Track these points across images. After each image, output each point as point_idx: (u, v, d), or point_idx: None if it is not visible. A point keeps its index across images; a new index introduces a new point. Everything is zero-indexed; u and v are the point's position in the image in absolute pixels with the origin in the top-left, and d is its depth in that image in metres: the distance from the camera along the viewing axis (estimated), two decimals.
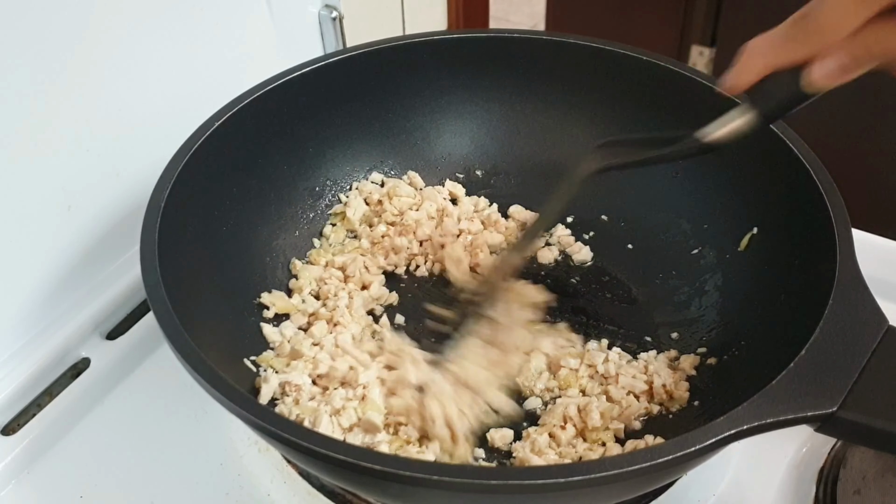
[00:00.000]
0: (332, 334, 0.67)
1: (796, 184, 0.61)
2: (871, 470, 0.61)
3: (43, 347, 0.69)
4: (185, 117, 0.67)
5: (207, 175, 0.65)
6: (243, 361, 0.64)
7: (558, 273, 0.74)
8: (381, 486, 0.50)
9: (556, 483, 0.43)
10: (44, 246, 0.69)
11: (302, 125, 0.74)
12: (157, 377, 0.70)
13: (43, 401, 0.68)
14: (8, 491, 0.63)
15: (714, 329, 0.67)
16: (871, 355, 0.48)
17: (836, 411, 0.46)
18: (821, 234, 0.57)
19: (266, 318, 0.68)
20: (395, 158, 0.81)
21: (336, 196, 0.78)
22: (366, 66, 0.75)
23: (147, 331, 0.72)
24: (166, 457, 0.65)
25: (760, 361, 0.58)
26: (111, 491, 0.63)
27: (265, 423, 0.47)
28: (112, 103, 0.70)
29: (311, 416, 0.60)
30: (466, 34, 0.77)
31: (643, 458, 0.44)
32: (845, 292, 0.52)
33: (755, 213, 0.68)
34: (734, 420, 0.46)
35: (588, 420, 0.60)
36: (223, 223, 0.68)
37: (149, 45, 0.72)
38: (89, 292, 0.72)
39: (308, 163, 0.76)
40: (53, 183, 0.67)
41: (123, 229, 0.74)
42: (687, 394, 0.63)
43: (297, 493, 0.62)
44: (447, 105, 0.80)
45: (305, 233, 0.76)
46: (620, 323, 0.70)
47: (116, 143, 0.72)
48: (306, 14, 0.88)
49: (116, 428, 0.67)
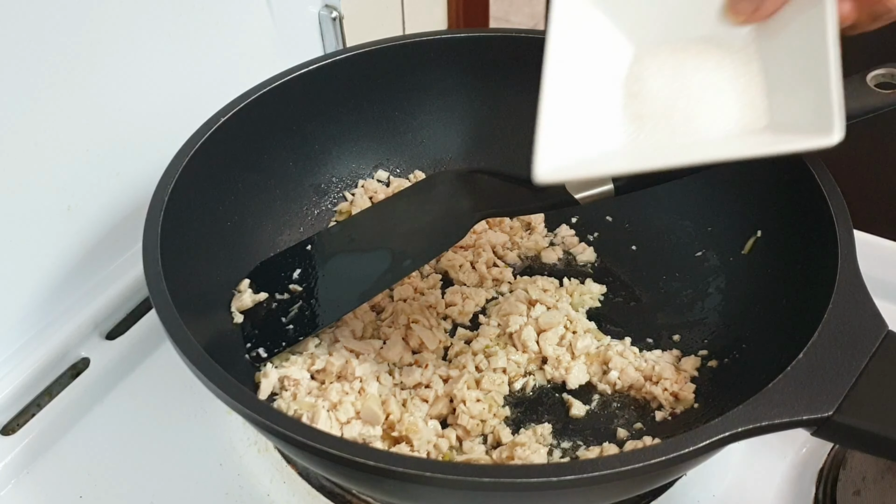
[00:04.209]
0: (332, 330, 0.67)
1: (800, 187, 0.61)
2: (871, 471, 0.61)
3: (43, 347, 0.69)
4: (185, 117, 0.67)
5: (212, 170, 0.66)
6: (243, 357, 0.64)
7: (562, 273, 0.74)
8: (375, 481, 0.50)
9: (549, 482, 0.44)
10: (43, 246, 0.69)
11: (307, 122, 0.75)
12: (157, 377, 0.70)
13: (42, 401, 0.68)
14: (7, 491, 0.63)
15: (716, 331, 0.67)
16: (870, 360, 0.48)
17: (831, 416, 0.46)
18: (822, 238, 0.57)
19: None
20: (401, 157, 0.81)
21: (341, 193, 0.79)
22: (370, 65, 0.75)
23: (147, 331, 0.72)
24: (166, 457, 0.65)
25: (761, 364, 0.57)
26: (111, 491, 0.63)
27: (261, 418, 0.47)
28: (112, 103, 0.70)
29: (309, 410, 0.61)
30: (466, 34, 0.77)
31: (637, 459, 0.44)
32: (845, 296, 0.52)
33: (759, 216, 0.68)
34: (729, 422, 0.46)
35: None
36: (227, 219, 0.69)
37: (149, 45, 0.72)
38: (89, 292, 0.73)
39: (314, 160, 0.77)
40: (53, 183, 0.68)
41: (123, 229, 0.74)
42: (692, 395, 0.63)
43: (297, 493, 0.62)
44: (449, 105, 0.80)
45: (310, 230, 0.76)
46: (623, 324, 0.70)
47: (116, 143, 0.72)
48: (306, 14, 0.88)
49: (116, 428, 0.67)
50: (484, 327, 0.69)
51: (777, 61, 0.50)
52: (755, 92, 0.50)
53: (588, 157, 0.50)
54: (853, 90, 0.58)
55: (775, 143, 0.46)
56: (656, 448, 0.45)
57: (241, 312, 0.67)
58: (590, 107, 0.52)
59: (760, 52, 0.51)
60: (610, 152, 0.51)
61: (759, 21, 0.50)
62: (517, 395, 0.65)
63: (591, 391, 0.65)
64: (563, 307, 0.70)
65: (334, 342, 0.67)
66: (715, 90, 0.50)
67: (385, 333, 0.68)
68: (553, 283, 0.72)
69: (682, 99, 0.50)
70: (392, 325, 0.68)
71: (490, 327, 0.68)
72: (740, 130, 0.49)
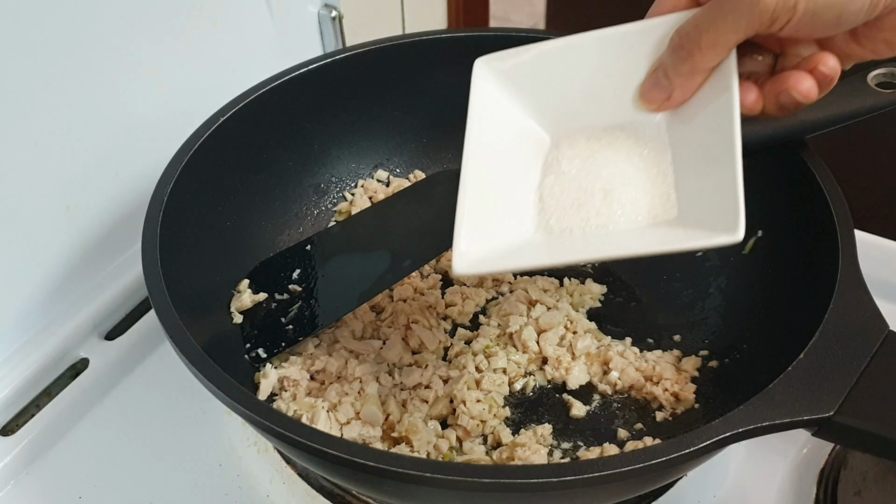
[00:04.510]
0: (332, 330, 0.67)
1: (801, 187, 0.61)
2: (872, 471, 0.60)
3: (42, 348, 0.69)
4: (184, 117, 0.67)
5: (212, 169, 0.66)
6: (243, 357, 0.64)
7: (562, 273, 0.74)
8: (375, 482, 0.50)
9: (549, 482, 0.43)
10: (42, 246, 0.69)
11: (307, 122, 0.75)
12: (156, 377, 0.70)
13: (42, 401, 0.68)
14: (7, 491, 0.63)
15: (716, 331, 0.67)
16: (871, 360, 0.48)
17: (832, 416, 0.46)
18: (823, 238, 0.56)
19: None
20: (401, 157, 0.81)
21: (341, 193, 0.79)
22: (370, 65, 0.75)
23: (146, 331, 0.72)
24: (165, 457, 0.65)
25: (762, 364, 0.57)
26: (110, 491, 0.63)
27: (261, 418, 0.47)
28: (111, 103, 0.70)
29: (308, 411, 0.61)
30: (466, 34, 0.77)
31: (638, 459, 0.44)
32: (846, 297, 0.52)
33: (760, 216, 0.67)
34: (729, 423, 0.45)
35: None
36: (227, 219, 0.69)
37: (148, 44, 0.72)
38: (88, 292, 0.73)
39: (313, 159, 0.77)
40: (52, 183, 0.68)
41: (122, 229, 0.74)
42: (693, 396, 0.63)
43: (296, 494, 0.62)
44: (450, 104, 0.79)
45: (310, 230, 0.76)
46: (623, 324, 0.70)
47: (116, 143, 0.72)
48: (306, 14, 0.88)
49: (115, 428, 0.67)
50: (484, 327, 0.68)
51: (686, 151, 0.51)
52: (666, 183, 0.51)
53: (506, 248, 0.52)
54: (853, 90, 0.58)
55: (681, 241, 0.47)
56: (657, 448, 0.45)
57: (240, 313, 0.67)
58: (508, 196, 0.54)
59: (672, 141, 0.52)
60: (526, 244, 0.52)
61: (670, 109, 0.52)
62: (517, 396, 0.65)
63: (591, 391, 0.65)
64: (564, 307, 0.69)
65: (334, 342, 0.66)
66: (626, 182, 0.52)
67: (385, 334, 0.68)
68: (553, 284, 0.72)
69: (596, 190, 0.52)
70: (392, 326, 0.68)
71: (490, 327, 0.68)
72: (650, 222, 0.50)
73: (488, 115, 0.55)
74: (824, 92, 0.50)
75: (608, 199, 0.51)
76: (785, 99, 0.50)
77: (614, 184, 0.52)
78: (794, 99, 0.49)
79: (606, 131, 0.54)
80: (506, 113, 0.56)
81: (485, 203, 0.52)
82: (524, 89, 0.56)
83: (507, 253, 0.51)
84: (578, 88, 0.55)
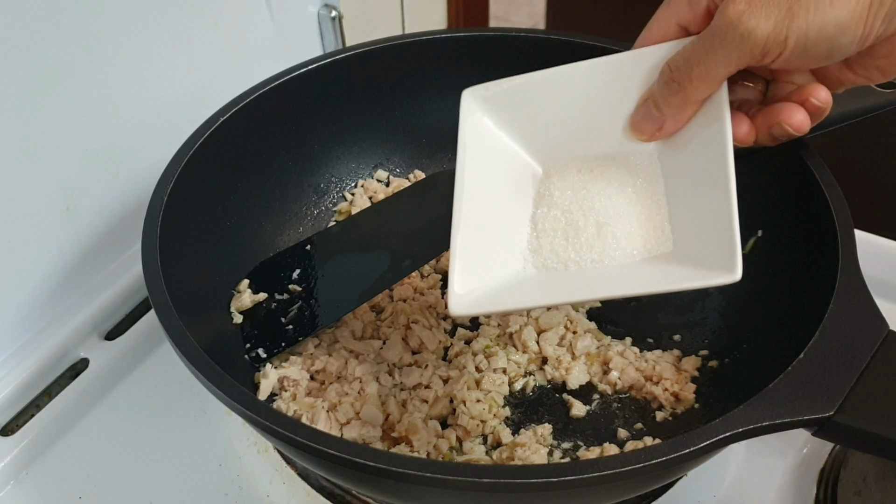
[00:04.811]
0: (332, 330, 0.67)
1: (800, 187, 0.61)
2: (872, 471, 0.60)
3: (42, 348, 0.69)
4: (184, 117, 0.67)
5: (212, 169, 0.66)
6: (243, 357, 0.64)
7: None
8: (375, 482, 0.50)
9: (549, 482, 0.43)
10: (42, 246, 0.68)
11: (307, 122, 0.75)
12: (156, 378, 0.70)
13: (42, 401, 0.68)
14: (7, 491, 0.63)
15: (716, 331, 0.67)
16: (871, 360, 0.48)
17: (832, 416, 0.45)
18: (823, 237, 0.56)
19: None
20: (401, 156, 0.81)
21: (341, 193, 0.79)
22: (370, 65, 0.75)
23: (146, 331, 0.72)
24: (165, 457, 0.65)
25: (762, 364, 0.57)
26: (110, 491, 0.63)
27: (261, 419, 0.47)
28: (111, 103, 0.70)
29: (308, 411, 0.61)
30: (466, 34, 0.77)
31: (638, 459, 0.44)
32: (846, 296, 0.52)
33: (760, 216, 0.68)
34: (730, 423, 0.45)
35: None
36: (227, 219, 0.69)
37: (148, 44, 0.72)
38: (88, 293, 0.72)
39: (313, 159, 0.77)
40: (52, 183, 0.68)
41: (122, 230, 0.74)
42: (693, 395, 0.63)
43: (296, 494, 0.62)
44: (449, 104, 0.79)
45: (309, 230, 0.76)
46: (623, 324, 0.70)
47: (116, 143, 0.72)
48: (306, 14, 0.88)
49: (115, 428, 0.67)
50: (484, 327, 0.68)
51: (680, 182, 0.51)
52: (660, 215, 0.51)
53: (501, 286, 0.51)
54: (854, 90, 0.58)
55: (679, 281, 0.47)
56: (657, 448, 0.45)
57: (240, 313, 0.67)
58: (501, 228, 0.54)
59: (665, 170, 0.52)
60: (522, 281, 0.52)
61: (661, 139, 0.52)
62: (517, 396, 0.65)
63: (591, 391, 0.65)
64: (563, 307, 0.69)
65: (334, 342, 0.66)
66: (620, 215, 0.52)
67: (385, 334, 0.68)
68: None
69: (589, 223, 0.52)
70: (392, 326, 0.68)
71: (490, 327, 0.68)
72: (646, 256, 0.50)
73: (478, 147, 0.55)
74: (816, 122, 0.50)
75: (602, 232, 0.51)
76: (778, 132, 0.50)
77: (608, 217, 0.52)
78: (786, 132, 0.50)
79: (598, 161, 0.54)
80: (496, 143, 0.56)
81: (478, 239, 0.52)
82: (513, 118, 0.56)
83: (503, 291, 0.51)
84: (568, 118, 0.55)
